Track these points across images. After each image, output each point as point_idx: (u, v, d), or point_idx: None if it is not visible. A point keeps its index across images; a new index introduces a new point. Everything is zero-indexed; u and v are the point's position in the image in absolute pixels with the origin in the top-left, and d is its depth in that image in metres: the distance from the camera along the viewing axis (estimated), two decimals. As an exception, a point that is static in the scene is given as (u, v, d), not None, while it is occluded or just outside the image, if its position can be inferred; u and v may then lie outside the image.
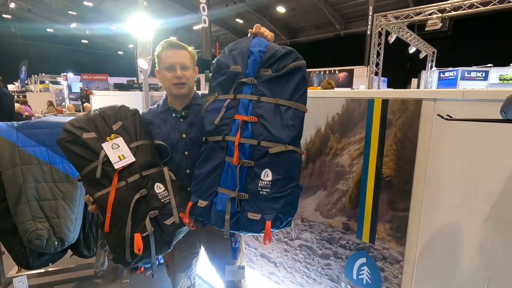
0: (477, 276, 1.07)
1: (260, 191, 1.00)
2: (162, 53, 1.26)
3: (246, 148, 1.02)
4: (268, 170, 1.00)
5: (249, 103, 1.05)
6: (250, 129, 1.02)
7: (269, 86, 1.04)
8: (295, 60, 1.05)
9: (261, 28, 1.14)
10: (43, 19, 20.10)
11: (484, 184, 1.02)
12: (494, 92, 0.96)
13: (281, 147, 0.99)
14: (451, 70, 9.82)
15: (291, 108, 1.02)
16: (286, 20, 16.69)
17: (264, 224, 0.99)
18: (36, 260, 1.91)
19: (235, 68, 1.08)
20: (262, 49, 1.07)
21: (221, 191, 1.06)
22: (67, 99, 12.73)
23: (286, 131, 1.00)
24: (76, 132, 1.16)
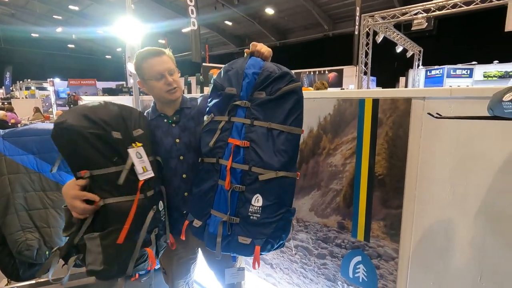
0: (469, 270, 1.09)
1: (250, 216, 1.01)
2: (143, 64, 1.21)
3: (238, 173, 1.02)
4: (259, 196, 1.01)
5: (242, 127, 1.04)
6: (242, 154, 1.02)
7: (262, 109, 1.03)
8: (289, 82, 1.02)
9: (258, 46, 1.11)
10: (27, 24, 19.66)
11: (474, 180, 1.05)
12: (481, 89, 0.99)
13: (271, 173, 0.99)
14: (437, 68, 10.05)
15: (284, 133, 1.01)
16: (275, 21, 16.78)
17: (254, 248, 1.00)
18: (26, 271, 1.86)
19: (230, 90, 1.07)
20: (256, 71, 1.05)
21: (213, 213, 1.07)
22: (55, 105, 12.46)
23: (278, 156, 1.00)
24: (105, 127, 1.05)
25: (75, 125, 1.00)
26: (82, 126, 1.01)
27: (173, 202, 1.27)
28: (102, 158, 1.04)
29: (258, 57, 1.10)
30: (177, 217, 1.29)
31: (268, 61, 1.10)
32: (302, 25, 16.43)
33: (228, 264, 1.37)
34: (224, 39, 19.63)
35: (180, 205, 1.28)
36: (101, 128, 1.04)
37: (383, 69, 11.33)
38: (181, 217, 1.28)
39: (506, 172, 0.98)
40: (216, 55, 20.69)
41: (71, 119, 1.01)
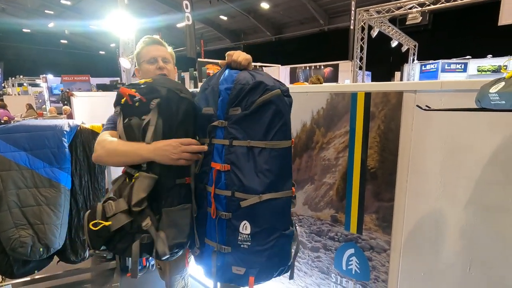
0: (459, 260, 1.11)
1: (241, 245, 0.94)
2: (143, 49, 1.29)
3: (222, 199, 0.95)
4: (246, 222, 0.93)
5: (222, 149, 0.96)
6: (223, 178, 0.94)
7: (240, 126, 0.93)
8: (264, 92, 0.91)
9: (234, 55, 1.00)
10: (18, 19, 19.29)
11: (463, 172, 1.06)
12: (470, 82, 1.00)
13: (254, 198, 0.90)
14: (432, 63, 10.10)
15: (266, 149, 0.91)
16: (270, 16, 16.67)
17: (248, 278, 0.94)
18: (20, 268, 1.86)
19: (207, 110, 0.99)
20: (228, 86, 0.94)
21: (207, 242, 1.02)
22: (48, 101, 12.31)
23: (260, 178, 0.90)
24: None
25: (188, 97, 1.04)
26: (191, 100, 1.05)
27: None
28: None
29: (235, 67, 0.99)
30: None
31: (246, 70, 0.99)
32: (297, 19, 16.35)
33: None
34: (219, 34, 19.48)
35: None
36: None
37: (379, 63, 11.36)
38: None
39: (494, 164, 1.00)
40: (211, 50, 20.55)
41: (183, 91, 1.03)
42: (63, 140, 1.90)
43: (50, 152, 1.88)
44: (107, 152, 1.04)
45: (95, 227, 0.94)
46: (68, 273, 2.30)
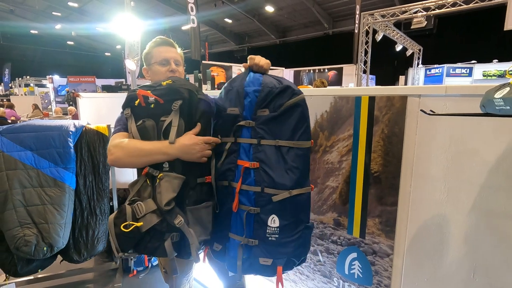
0: (463, 266, 1.10)
1: (269, 237, 0.99)
2: (154, 49, 1.27)
3: (251, 195, 1.00)
4: (274, 216, 0.99)
5: (249, 147, 1.02)
6: (253, 175, 1.00)
7: (268, 127, 1.00)
8: (292, 96, 0.99)
9: (255, 59, 1.06)
10: (26, 21, 19.58)
11: (467, 177, 1.06)
12: (475, 87, 1.00)
13: (285, 193, 0.97)
14: (437, 67, 10.05)
15: (293, 148, 0.98)
16: (275, 19, 16.74)
17: (275, 268, 0.99)
18: (24, 267, 1.87)
19: (232, 111, 1.04)
20: (256, 88, 1.01)
21: (232, 236, 1.06)
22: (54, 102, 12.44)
23: (289, 174, 0.98)
24: None
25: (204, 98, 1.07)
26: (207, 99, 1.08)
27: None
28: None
29: (256, 71, 1.06)
30: None
31: (267, 74, 1.06)
32: (302, 23, 16.39)
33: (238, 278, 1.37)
34: (224, 37, 19.58)
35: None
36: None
37: (383, 67, 11.34)
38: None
39: (498, 170, 0.99)
40: (216, 53, 20.65)
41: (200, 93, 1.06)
42: (68, 141, 1.92)
43: (55, 152, 1.90)
44: (128, 153, 1.02)
45: (126, 228, 0.94)
46: (71, 273, 2.31)
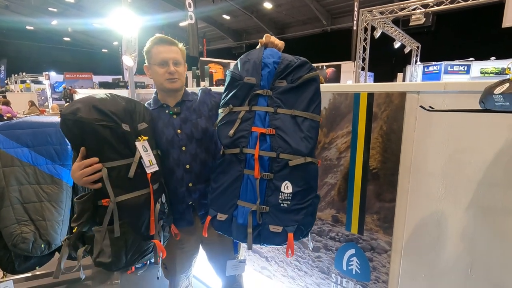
0: (460, 262, 1.11)
1: (281, 204, 1.01)
2: (153, 48, 1.24)
3: (265, 161, 1.02)
4: (288, 182, 1.01)
5: (265, 115, 1.04)
6: (269, 141, 1.02)
7: (285, 97, 1.04)
8: (310, 71, 1.04)
9: (271, 38, 1.13)
10: (22, 16, 19.35)
11: (465, 174, 1.06)
12: (473, 84, 0.99)
13: (300, 159, 0.99)
14: (435, 64, 10.06)
15: (308, 119, 1.02)
16: (273, 16, 16.66)
17: (286, 236, 1.00)
18: (22, 264, 1.86)
19: (249, 80, 1.07)
20: (276, 60, 1.06)
21: (241, 204, 1.06)
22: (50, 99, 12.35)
23: (305, 142, 1.00)
24: (115, 119, 1.04)
25: (85, 117, 0.99)
26: (93, 118, 1.00)
27: (178, 193, 1.28)
28: (112, 151, 1.03)
29: (272, 48, 1.12)
30: (183, 209, 1.30)
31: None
32: (300, 20, 16.32)
33: (229, 256, 1.38)
34: (222, 34, 19.46)
35: (185, 196, 1.28)
36: (112, 120, 1.03)
37: (381, 65, 11.33)
38: (188, 209, 1.30)
39: (497, 166, 1.00)
40: (214, 50, 20.55)
41: (80, 111, 1.00)
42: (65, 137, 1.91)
43: (52, 149, 1.88)
44: None
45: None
46: (69, 270, 2.30)
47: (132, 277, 2.42)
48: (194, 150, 1.26)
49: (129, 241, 1.06)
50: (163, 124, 1.27)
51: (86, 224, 1.07)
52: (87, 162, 1.01)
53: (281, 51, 1.13)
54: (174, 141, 1.25)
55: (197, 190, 1.28)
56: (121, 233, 1.03)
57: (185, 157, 1.26)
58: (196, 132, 1.26)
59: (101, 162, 1.02)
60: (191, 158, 1.26)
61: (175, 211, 1.30)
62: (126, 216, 1.04)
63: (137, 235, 1.08)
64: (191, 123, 1.27)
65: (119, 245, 1.05)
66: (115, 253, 1.04)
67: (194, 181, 1.27)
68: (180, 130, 1.26)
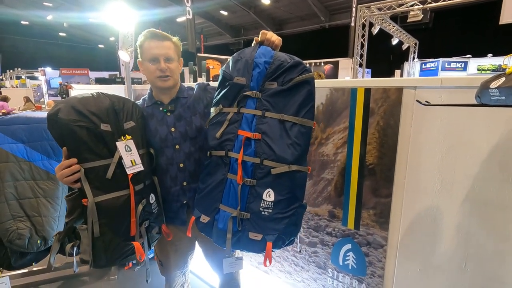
0: (455, 256, 1.12)
1: (262, 211, 0.98)
2: (144, 43, 1.20)
3: (249, 166, 0.99)
4: (270, 190, 0.97)
5: (253, 118, 1.00)
6: (253, 146, 0.98)
7: (274, 100, 0.99)
8: (302, 72, 0.98)
9: (267, 34, 1.06)
10: (16, 11, 19.08)
11: (461, 169, 1.07)
12: (470, 79, 1.00)
13: (284, 167, 0.95)
14: (432, 61, 10.07)
15: (297, 125, 0.97)
16: (271, 12, 16.55)
17: (265, 244, 0.97)
18: (18, 260, 1.86)
19: (239, 80, 1.02)
20: (267, 60, 1.00)
21: (222, 208, 1.04)
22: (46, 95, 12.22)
23: (291, 149, 0.96)
24: (92, 118, 1.03)
25: (63, 118, 0.99)
26: (70, 119, 1.00)
27: (172, 192, 1.26)
28: (89, 152, 1.03)
29: (268, 46, 1.06)
30: (178, 208, 1.28)
31: (277, 50, 1.06)
32: (298, 16, 16.25)
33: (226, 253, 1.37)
34: (219, 29, 19.32)
35: (179, 195, 1.27)
36: (89, 120, 1.02)
37: (379, 61, 11.33)
38: (182, 208, 1.28)
39: (492, 161, 1.00)
40: (211, 46, 20.42)
41: (61, 111, 1.00)
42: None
43: (48, 144, 1.87)
44: None
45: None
46: (65, 266, 2.29)
47: (130, 272, 2.42)
48: (188, 149, 1.25)
49: (107, 241, 1.06)
50: (156, 122, 1.25)
51: (77, 220, 1.08)
52: (66, 163, 1.01)
53: (278, 48, 1.07)
54: (167, 139, 1.24)
55: (192, 189, 1.27)
56: (100, 233, 1.04)
57: (178, 156, 1.24)
58: (190, 131, 1.24)
59: (80, 162, 1.02)
60: (185, 156, 1.25)
61: (169, 210, 1.29)
62: (105, 216, 1.04)
63: (116, 236, 1.07)
64: (186, 121, 1.25)
65: (97, 245, 1.05)
66: (94, 252, 1.05)
67: (188, 179, 1.26)
68: (174, 128, 1.24)
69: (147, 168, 1.17)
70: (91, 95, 1.09)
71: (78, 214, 1.07)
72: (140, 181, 1.13)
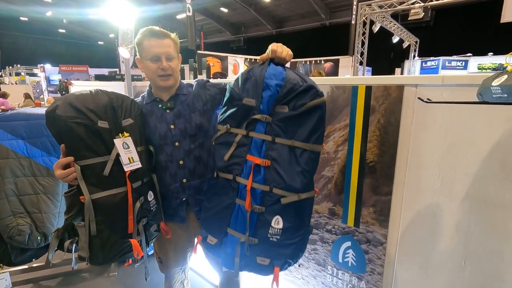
0: (454, 254, 1.12)
1: (270, 238, 0.97)
2: (144, 41, 1.18)
3: (258, 194, 0.97)
4: (279, 218, 0.96)
5: (262, 143, 0.98)
6: (263, 173, 0.96)
7: (285, 125, 0.96)
8: (315, 97, 0.94)
9: (277, 49, 0.99)
10: (15, 6, 18.97)
11: (461, 167, 1.07)
12: (471, 77, 0.99)
13: (294, 196, 0.94)
14: (433, 60, 10.06)
15: (307, 151, 0.94)
16: (272, 9, 16.48)
17: (272, 268, 0.99)
18: (18, 256, 1.87)
19: (248, 102, 0.98)
20: (279, 83, 0.95)
21: (230, 232, 1.04)
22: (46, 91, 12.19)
23: (300, 177, 0.94)
24: (90, 115, 1.02)
25: (61, 114, 0.99)
26: (67, 116, 0.99)
27: (171, 189, 1.26)
28: (87, 149, 1.03)
29: (278, 63, 1.01)
30: (177, 205, 1.28)
31: (290, 69, 1.01)
32: (299, 13, 16.18)
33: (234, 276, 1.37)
34: (219, 27, 19.26)
35: (179, 192, 1.27)
36: (86, 117, 1.02)
37: (379, 59, 11.30)
38: (181, 205, 1.28)
39: (493, 159, 1.00)
40: (211, 43, 20.35)
41: (58, 108, 1.00)
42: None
43: (48, 140, 1.87)
44: None
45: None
46: (65, 262, 2.31)
47: (129, 269, 2.43)
48: (188, 146, 1.24)
49: (104, 239, 1.06)
50: (156, 119, 1.24)
51: (76, 217, 1.08)
52: (63, 161, 1.01)
53: (289, 61, 1.02)
54: (167, 136, 1.23)
55: (191, 186, 1.27)
56: (97, 231, 1.04)
57: (178, 153, 1.24)
58: (190, 128, 1.24)
59: (77, 159, 1.02)
60: (184, 154, 1.24)
61: (168, 207, 1.29)
62: (102, 214, 1.04)
63: (113, 233, 1.07)
64: (185, 118, 1.25)
65: (94, 242, 1.05)
66: (91, 250, 1.06)
67: (188, 177, 1.26)
68: (174, 126, 1.24)
69: (146, 166, 1.16)
70: (89, 92, 1.09)
71: (76, 211, 1.07)
72: (138, 178, 1.13)
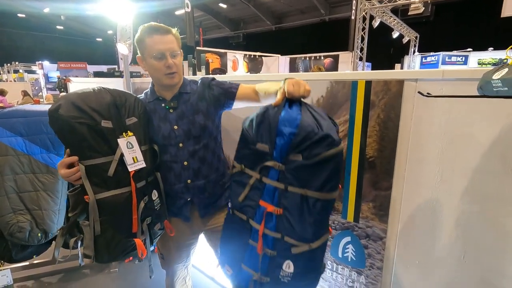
0: (454, 249, 1.12)
1: (281, 279, 0.99)
2: (146, 38, 1.14)
3: (270, 239, 0.99)
4: (290, 262, 0.97)
5: (275, 191, 0.97)
6: (275, 221, 0.97)
7: (298, 174, 0.93)
8: (331, 147, 0.89)
9: (294, 87, 0.93)
10: (12, 3, 18.81)
11: (461, 162, 1.07)
12: (472, 71, 0.99)
13: (304, 246, 0.94)
14: (433, 55, 10.02)
15: (320, 200, 0.92)
16: (271, 5, 16.37)
17: None
18: (19, 253, 1.87)
19: (262, 147, 0.97)
20: (292, 131, 0.90)
21: (244, 268, 1.07)
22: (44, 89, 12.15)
23: (313, 227, 0.94)
24: (93, 115, 1.01)
25: (64, 114, 0.98)
26: (70, 116, 0.98)
27: (175, 189, 1.25)
28: (90, 149, 1.02)
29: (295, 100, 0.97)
30: (181, 205, 1.28)
31: (306, 108, 0.95)
32: (298, 9, 16.08)
33: None
34: (218, 23, 19.14)
35: (183, 192, 1.26)
36: (89, 117, 1.00)
37: (379, 55, 11.25)
38: (186, 205, 1.27)
39: (493, 154, 1.00)
40: (210, 39, 20.25)
41: (61, 107, 0.99)
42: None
43: (47, 138, 1.86)
44: None
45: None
46: (67, 258, 2.32)
47: (130, 265, 2.44)
48: (192, 147, 1.22)
49: (108, 238, 1.06)
50: (159, 119, 1.22)
51: (80, 215, 1.08)
52: (67, 161, 1.01)
53: (308, 96, 0.97)
54: (170, 137, 1.21)
55: (196, 186, 1.26)
56: (101, 231, 1.04)
57: (182, 154, 1.22)
58: (194, 129, 1.21)
59: (81, 159, 1.01)
60: (189, 155, 1.22)
61: (173, 206, 1.29)
62: (106, 213, 1.04)
63: (118, 233, 1.08)
64: (188, 119, 1.22)
65: (99, 241, 1.06)
66: (96, 249, 1.06)
67: (192, 177, 1.24)
68: (177, 126, 1.21)
69: (150, 165, 1.16)
70: (92, 90, 1.07)
71: (80, 209, 1.07)
72: (142, 178, 1.12)
